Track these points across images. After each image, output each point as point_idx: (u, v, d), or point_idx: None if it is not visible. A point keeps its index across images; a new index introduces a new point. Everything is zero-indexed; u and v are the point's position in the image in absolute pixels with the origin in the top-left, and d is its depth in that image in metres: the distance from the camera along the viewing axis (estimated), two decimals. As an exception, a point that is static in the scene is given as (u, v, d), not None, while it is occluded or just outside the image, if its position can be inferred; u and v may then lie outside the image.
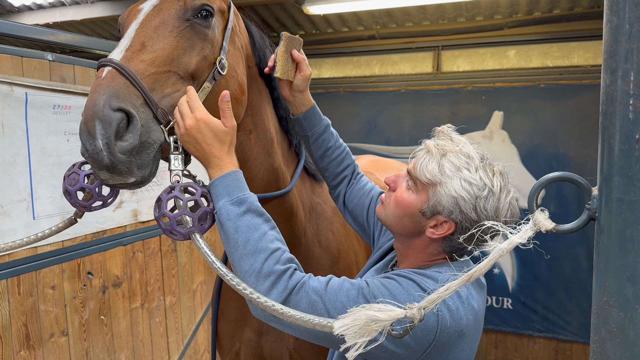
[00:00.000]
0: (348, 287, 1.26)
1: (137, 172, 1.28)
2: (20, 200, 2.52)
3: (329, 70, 5.58)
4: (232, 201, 1.29)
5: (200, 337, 3.97)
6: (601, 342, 0.71)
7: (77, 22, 4.94)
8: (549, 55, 4.76)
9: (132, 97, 1.28)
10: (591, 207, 0.75)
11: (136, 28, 1.42)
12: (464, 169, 1.32)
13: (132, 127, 1.26)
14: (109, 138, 1.21)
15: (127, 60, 1.33)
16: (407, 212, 1.40)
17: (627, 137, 0.68)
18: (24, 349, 2.57)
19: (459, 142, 1.41)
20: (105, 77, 1.28)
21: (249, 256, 1.24)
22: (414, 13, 4.85)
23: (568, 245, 4.66)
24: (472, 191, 1.30)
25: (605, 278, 0.71)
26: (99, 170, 1.25)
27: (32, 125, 2.57)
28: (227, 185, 1.31)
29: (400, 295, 1.24)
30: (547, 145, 4.74)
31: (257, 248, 1.24)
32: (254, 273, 1.22)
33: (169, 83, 1.39)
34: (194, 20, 1.47)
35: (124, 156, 1.24)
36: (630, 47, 0.67)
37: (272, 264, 1.23)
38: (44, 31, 2.70)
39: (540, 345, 4.91)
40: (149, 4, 1.49)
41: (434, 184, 1.34)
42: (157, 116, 1.32)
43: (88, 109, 1.23)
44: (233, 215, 1.27)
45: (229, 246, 1.28)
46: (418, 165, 1.39)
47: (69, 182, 1.44)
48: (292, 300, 1.21)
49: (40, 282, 2.66)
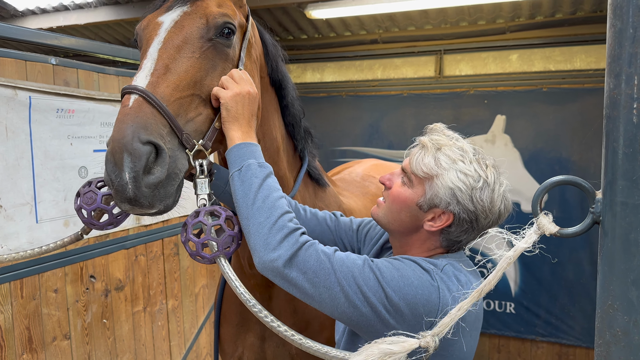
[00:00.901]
0: (354, 258, 1.30)
1: (158, 205, 1.29)
2: (23, 203, 2.53)
3: (332, 74, 5.59)
4: (259, 164, 1.37)
5: (203, 340, 3.96)
6: (606, 346, 0.71)
7: (81, 26, 4.96)
8: (551, 59, 4.76)
9: (159, 126, 1.27)
10: (595, 211, 0.75)
11: (159, 48, 1.40)
12: (459, 161, 1.36)
13: (160, 160, 1.26)
14: (137, 172, 1.20)
15: (152, 86, 1.32)
16: (404, 206, 1.43)
17: (631, 141, 0.68)
18: (26, 353, 2.57)
19: (453, 137, 1.45)
20: (133, 106, 1.27)
21: (267, 209, 1.29)
22: (416, 17, 4.85)
23: (571, 250, 4.65)
24: (467, 182, 1.34)
25: (610, 282, 0.71)
26: (121, 202, 1.25)
27: (36, 129, 2.58)
28: (254, 152, 1.40)
29: (404, 269, 1.29)
30: (550, 149, 4.73)
31: (275, 205, 1.31)
32: (268, 224, 1.27)
33: (192, 107, 1.39)
34: (216, 39, 1.46)
35: (148, 190, 1.24)
36: (634, 51, 0.67)
37: (287, 220, 1.29)
38: (47, 35, 2.72)
39: (543, 349, 4.89)
40: (169, 19, 1.47)
41: (430, 177, 1.37)
42: (183, 141, 1.33)
43: (116, 140, 1.21)
44: (260, 174, 1.35)
45: (246, 199, 1.32)
46: (414, 160, 1.41)
47: (85, 201, 1.45)
48: (302, 255, 1.25)
49: (43, 285, 2.66)
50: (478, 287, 1.41)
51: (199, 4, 1.49)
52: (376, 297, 1.24)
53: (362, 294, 1.24)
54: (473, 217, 1.36)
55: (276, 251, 1.25)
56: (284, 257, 1.24)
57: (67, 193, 2.77)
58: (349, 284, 1.24)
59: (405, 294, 1.24)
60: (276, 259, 1.24)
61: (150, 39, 1.45)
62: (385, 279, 1.26)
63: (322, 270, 1.25)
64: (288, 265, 1.24)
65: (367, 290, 1.24)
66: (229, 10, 1.55)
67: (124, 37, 5.60)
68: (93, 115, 2.92)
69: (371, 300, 1.24)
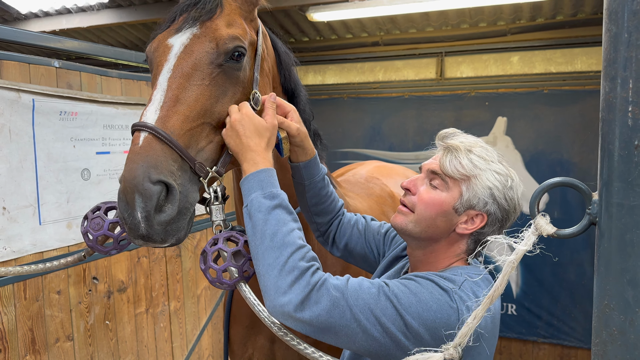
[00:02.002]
0: (368, 286, 1.25)
1: (171, 239, 1.30)
2: (26, 205, 2.55)
3: (333, 76, 5.61)
4: (264, 195, 1.30)
5: (205, 342, 3.97)
6: (602, 345, 0.72)
7: (83, 29, 4.98)
8: (552, 61, 4.77)
9: (169, 163, 1.28)
10: (592, 212, 0.76)
11: (168, 77, 1.39)
12: (491, 161, 1.37)
13: (171, 198, 1.27)
14: (149, 212, 1.22)
15: (162, 121, 1.31)
16: (440, 211, 1.38)
17: (627, 143, 0.69)
18: (29, 354, 2.58)
19: (474, 138, 1.45)
20: (143, 144, 1.27)
21: (275, 249, 1.23)
22: (417, 20, 4.87)
23: (572, 251, 4.65)
24: (502, 181, 1.35)
25: (606, 282, 0.72)
26: (134, 238, 1.27)
27: (39, 132, 2.60)
28: (261, 180, 1.32)
29: (421, 293, 1.24)
30: (551, 150, 4.74)
31: (284, 242, 1.24)
32: (278, 266, 1.21)
33: (203, 135, 1.39)
34: (226, 64, 1.44)
35: (160, 227, 1.25)
36: (629, 55, 0.68)
37: (297, 260, 1.22)
38: (50, 38, 2.74)
39: (545, 351, 4.89)
40: (179, 43, 1.45)
41: (467, 178, 1.36)
42: (196, 171, 1.34)
43: (127, 180, 1.22)
44: (264, 207, 1.28)
45: (254, 238, 1.27)
46: (447, 162, 1.38)
47: (93, 226, 1.48)
48: (314, 296, 1.20)
49: (46, 287, 2.67)
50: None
51: (208, 25, 1.46)
52: (395, 326, 1.20)
53: (381, 325, 1.20)
54: (505, 215, 1.36)
55: (286, 295, 1.19)
56: (294, 302, 1.18)
57: (69, 195, 2.78)
58: (366, 318, 1.20)
59: (424, 320, 1.20)
60: (287, 303, 1.18)
61: (160, 65, 1.43)
62: (403, 306, 1.21)
63: (336, 309, 1.20)
64: (300, 309, 1.18)
65: (385, 320, 1.20)
66: (239, 29, 1.51)
67: (127, 39, 5.62)
68: (96, 117, 2.93)
69: (390, 330, 1.20)
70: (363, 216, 1.88)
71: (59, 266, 1.60)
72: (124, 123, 3.14)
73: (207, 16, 1.47)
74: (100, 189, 2.98)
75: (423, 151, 5.49)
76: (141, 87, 3.33)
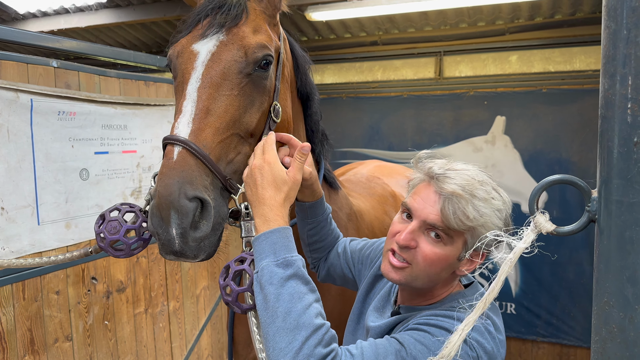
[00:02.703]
0: (384, 354, 1.15)
1: (202, 255, 1.29)
2: (25, 205, 2.54)
3: (332, 76, 5.61)
4: (277, 262, 1.16)
5: (204, 342, 3.97)
6: (602, 343, 0.72)
7: (82, 29, 4.98)
8: (550, 60, 4.77)
9: (203, 178, 1.26)
10: (591, 209, 0.76)
11: (197, 86, 1.36)
12: (491, 199, 1.26)
13: (206, 214, 1.26)
14: (185, 229, 1.21)
15: (195, 135, 1.29)
16: (445, 265, 1.29)
17: (626, 140, 0.69)
18: (28, 354, 2.58)
19: (465, 169, 1.32)
20: (177, 160, 1.26)
21: (289, 332, 1.08)
22: (416, 19, 4.87)
23: (572, 250, 4.65)
24: (502, 216, 1.27)
25: (606, 279, 0.72)
26: (166, 253, 1.26)
27: (37, 132, 2.60)
28: (274, 243, 1.19)
29: (437, 348, 1.14)
30: (550, 150, 4.74)
31: (299, 323, 1.08)
32: (290, 353, 1.06)
33: (232, 147, 1.37)
34: (255, 73, 1.42)
35: (195, 244, 1.25)
36: (628, 52, 0.68)
37: (313, 346, 1.07)
38: (48, 38, 2.73)
39: (544, 350, 4.89)
40: (206, 50, 1.41)
41: (473, 228, 1.25)
42: (227, 187, 1.33)
43: (163, 197, 1.21)
44: (277, 279, 1.14)
45: (266, 314, 1.12)
46: (450, 215, 1.24)
47: (109, 229, 1.45)
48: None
49: (44, 287, 2.67)
50: (495, 310, 1.36)
51: (235, 31, 1.43)
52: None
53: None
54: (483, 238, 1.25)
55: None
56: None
57: (68, 195, 2.78)
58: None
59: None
60: None
61: (187, 73, 1.40)
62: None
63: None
64: None
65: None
66: (265, 36, 1.49)
67: (125, 39, 5.62)
68: (94, 117, 2.93)
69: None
70: (344, 240, 1.85)
71: (64, 260, 1.60)
72: (123, 123, 3.13)
73: (234, 22, 1.44)
74: (99, 189, 2.98)
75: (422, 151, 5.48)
76: (140, 87, 3.33)
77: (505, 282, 4.93)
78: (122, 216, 1.48)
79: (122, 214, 1.48)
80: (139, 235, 1.47)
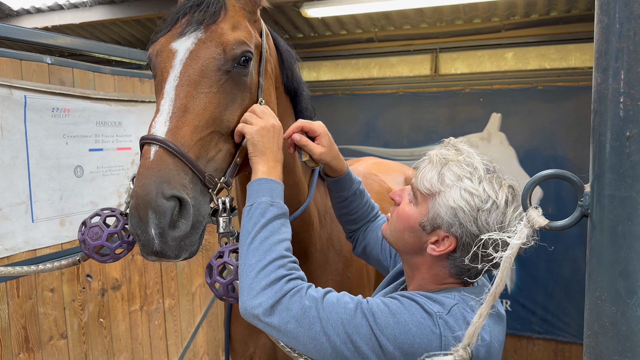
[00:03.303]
0: (347, 300, 1.20)
1: (184, 254, 1.29)
2: (19, 203, 2.53)
3: (328, 73, 5.60)
4: (272, 203, 1.31)
5: (200, 339, 3.97)
6: (594, 337, 0.72)
7: (76, 25, 4.96)
8: (546, 57, 4.78)
9: (181, 176, 1.26)
10: (584, 204, 0.76)
11: (175, 85, 1.35)
12: (466, 178, 1.24)
13: (185, 213, 1.25)
14: (163, 228, 1.20)
15: (172, 133, 1.29)
16: (407, 225, 1.33)
17: (618, 135, 0.69)
18: (23, 352, 2.57)
19: (464, 152, 1.32)
20: (154, 159, 1.25)
21: (261, 252, 1.22)
22: (411, 16, 4.87)
23: (567, 247, 4.67)
24: (472, 202, 1.21)
25: (598, 273, 0.72)
26: (147, 254, 1.26)
27: (31, 128, 2.58)
28: (272, 189, 1.33)
29: (401, 314, 1.17)
30: (545, 147, 4.75)
31: (271, 248, 1.24)
32: (257, 269, 1.20)
33: (212, 145, 1.36)
34: (234, 70, 1.41)
35: (175, 243, 1.24)
36: (621, 46, 0.68)
37: (277, 266, 1.21)
38: (42, 34, 2.72)
39: (540, 346, 4.91)
40: (184, 48, 1.41)
41: (433, 195, 1.26)
42: (205, 183, 1.32)
43: (140, 197, 1.20)
44: (269, 214, 1.28)
45: (246, 238, 1.26)
46: (419, 175, 1.32)
47: (91, 235, 1.45)
48: (284, 302, 1.17)
49: (39, 284, 2.66)
50: (496, 318, 1.31)
51: (213, 28, 1.42)
52: (369, 346, 1.14)
53: (352, 343, 1.14)
54: (478, 242, 1.19)
55: (257, 298, 1.18)
56: (264, 305, 1.17)
57: (62, 192, 2.77)
58: (337, 333, 1.14)
59: (401, 344, 1.13)
60: (256, 306, 1.17)
61: (165, 72, 1.39)
62: (379, 326, 1.15)
63: (305, 319, 1.16)
64: (269, 314, 1.17)
65: (358, 339, 1.14)
66: (245, 32, 1.48)
67: (120, 36, 5.60)
68: (89, 114, 2.92)
69: (362, 349, 1.14)
70: None
71: (53, 268, 1.60)
72: (117, 120, 3.12)
73: (212, 19, 1.43)
74: (94, 186, 2.97)
75: (418, 148, 5.51)
76: (134, 84, 3.31)
77: (506, 280, 5.01)
78: (103, 221, 1.47)
79: (103, 219, 1.47)
80: (121, 238, 1.46)
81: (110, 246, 1.45)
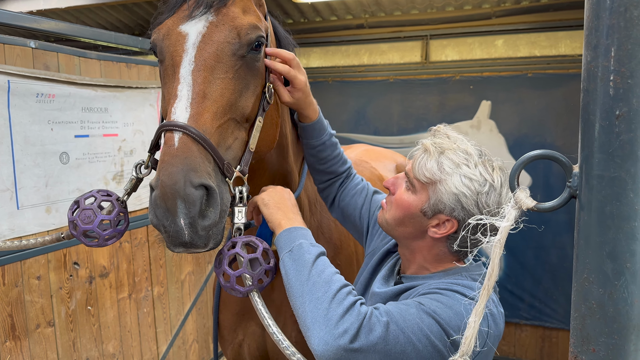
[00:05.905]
0: (405, 308, 1.24)
1: (211, 243, 1.26)
2: (3, 190, 2.49)
3: (318, 59, 5.56)
4: (311, 243, 1.33)
5: (189, 327, 3.96)
6: (581, 319, 0.71)
7: (62, 10, 4.87)
8: (536, 44, 4.77)
9: (206, 164, 1.23)
10: (572, 185, 0.75)
11: (191, 69, 1.31)
12: (463, 165, 1.32)
13: (212, 201, 1.22)
14: (193, 218, 1.17)
15: (194, 120, 1.25)
16: (407, 213, 1.39)
17: (608, 114, 0.68)
18: (9, 340, 2.55)
19: (457, 139, 1.39)
20: (179, 146, 1.21)
21: (324, 284, 1.22)
22: (402, 2, 4.83)
23: (554, 234, 4.70)
24: (472, 187, 1.30)
25: (586, 255, 0.71)
26: (174, 245, 1.22)
27: (15, 114, 2.54)
28: (304, 235, 1.36)
29: (455, 306, 1.23)
30: (535, 134, 4.76)
31: (332, 279, 1.24)
32: (327, 299, 1.19)
33: (229, 132, 1.34)
34: (248, 55, 1.38)
35: (204, 232, 1.21)
36: (611, 23, 0.66)
37: (345, 294, 1.21)
38: (26, 18, 2.65)
39: (527, 333, 4.95)
40: (195, 31, 1.36)
41: (433, 182, 1.33)
42: (224, 171, 1.29)
43: (167, 186, 1.16)
44: (313, 251, 1.30)
45: (300, 276, 1.26)
46: (416, 165, 1.37)
47: (82, 218, 1.40)
48: (366, 324, 1.17)
49: (25, 272, 2.63)
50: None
51: (224, 12, 1.38)
52: (442, 342, 1.19)
53: (431, 343, 1.19)
54: (479, 220, 1.27)
55: (339, 327, 1.15)
56: (350, 332, 1.14)
57: (48, 179, 2.73)
58: (418, 339, 1.18)
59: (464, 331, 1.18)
60: (341, 334, 1.14)
61: (177, 56, 1.35)
62: (445, 321, 1.21)
63: (390, 334, 1.17)
64: (355, 339, 1.14)
65: (434, 339, 1.19)
66: (255, 17, 1.45)
67: (106, 21, 5.51)
68: (74, 100, 2.87)
69: (439, 347, 1.19)
70: (370, 189, 1.89)
71: (36, 244, 1.56)
72: (103, 106, 3.08)
73: (222, 2, 1.39)
74: (80, 173, 2.93)
75: (408, 135, 5.50)
76: (121, 69, 3.26)
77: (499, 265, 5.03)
78: (98, 205, 1.43)
79: (98, 203, 1.43)
80: (113, 226, 1.43)
81: (101, 233, 1.40)
